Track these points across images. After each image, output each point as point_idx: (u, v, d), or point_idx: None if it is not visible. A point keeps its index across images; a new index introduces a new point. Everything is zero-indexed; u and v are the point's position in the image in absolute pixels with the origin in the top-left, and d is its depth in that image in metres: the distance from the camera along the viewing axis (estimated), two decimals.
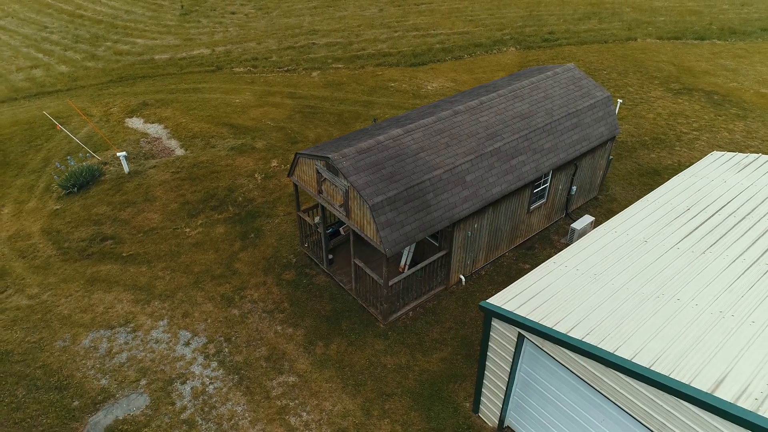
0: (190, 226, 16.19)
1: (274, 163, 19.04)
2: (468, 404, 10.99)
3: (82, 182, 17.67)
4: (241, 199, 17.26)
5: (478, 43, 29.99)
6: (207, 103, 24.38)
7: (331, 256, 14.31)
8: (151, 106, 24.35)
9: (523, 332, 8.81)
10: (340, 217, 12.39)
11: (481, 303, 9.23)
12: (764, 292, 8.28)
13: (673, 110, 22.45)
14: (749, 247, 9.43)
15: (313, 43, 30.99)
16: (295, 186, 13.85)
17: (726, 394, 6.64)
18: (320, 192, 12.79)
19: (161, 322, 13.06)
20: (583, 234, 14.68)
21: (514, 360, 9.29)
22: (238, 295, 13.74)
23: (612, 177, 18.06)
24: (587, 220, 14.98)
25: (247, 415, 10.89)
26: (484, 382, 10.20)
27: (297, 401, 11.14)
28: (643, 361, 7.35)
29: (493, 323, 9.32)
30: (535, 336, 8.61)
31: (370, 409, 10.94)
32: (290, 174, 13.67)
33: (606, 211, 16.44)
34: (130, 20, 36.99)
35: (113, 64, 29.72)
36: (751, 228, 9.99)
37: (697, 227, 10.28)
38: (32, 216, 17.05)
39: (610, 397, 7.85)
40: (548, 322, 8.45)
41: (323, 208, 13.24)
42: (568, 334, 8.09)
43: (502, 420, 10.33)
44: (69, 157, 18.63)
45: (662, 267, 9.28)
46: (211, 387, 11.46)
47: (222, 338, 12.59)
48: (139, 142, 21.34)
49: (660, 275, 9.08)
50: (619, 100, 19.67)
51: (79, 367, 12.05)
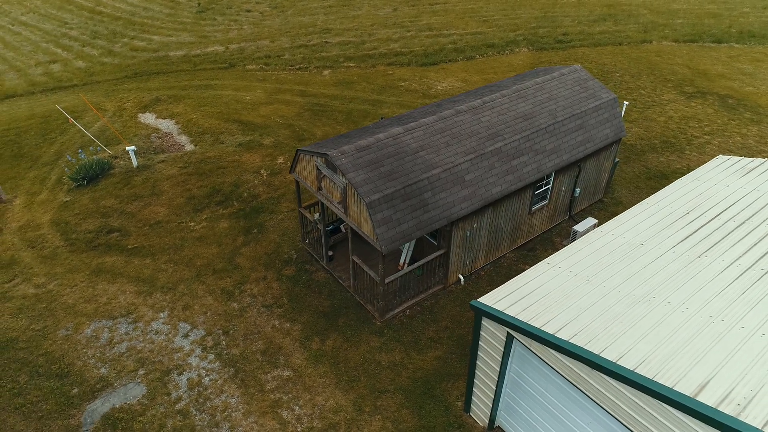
0: (195, 220, 16.41)
1: (281, 160, 19.20)
2: (460, 403, 10.99)
3: (92, 175, 18.00)
4: (246, 194, 17.44)
5: (491, 43, 29.88)
6: (218, 100, 24.64)
7: (331, 253, 14.40)
8: (164, 102, 24.69)
9: (512, 332, 8.80)
10: (339, 214, 12.47)
11: (472, 302, 9.24)
12: (756, 298, 8.17)
13: (685, 114, 22.15)
14: (745, 253, 9.30)
15: (326, 42, 31.14)
16: (297, 182, 13.96)
17: (709, 398, 6.58)
18: (320, 189, 12.88)
19: (162, 314, 13.26)
20: None
21: (503, 360, 9.28)
22: (238, 290, 13.89)
23: (618, 180, 17.89)
24: (590, 222, 14.86)
25: (240, 407, 11.02)
26: (475, 381, 10.20)
27: (290, 395, 11.24)
28: (628, 363, 7.30)
29: (483, 322, 9.32)
30: (523, 336, 8.59)
31: (362, 405, 11.00)
32: (292, 170, 13.79)
33: (611, 214, 16.29)
34: (148, 17, 37.52)
35: (129, 60, 30.18)
36: (749, 233, 9.85)
37: (695, 231, 10.17)
38: (43, 207, 17.41)
39: (595, 400, 7.81)
40: (537, 323, 8.43)
41: (323, 204, 13.33)
42: (555, 335, 8.07)
43: (492, 420, 10.32)
44: (80, 151, 18.99)
45: (656, 270, 9.19)
46: (207, 379, 11.62)
47: (220, 331, 12.75)
48: (150, 137, 21.65)
49: (653, 278, 9.01)
50: (625, 102, 19.45)
51: (80, 356, 12.29)
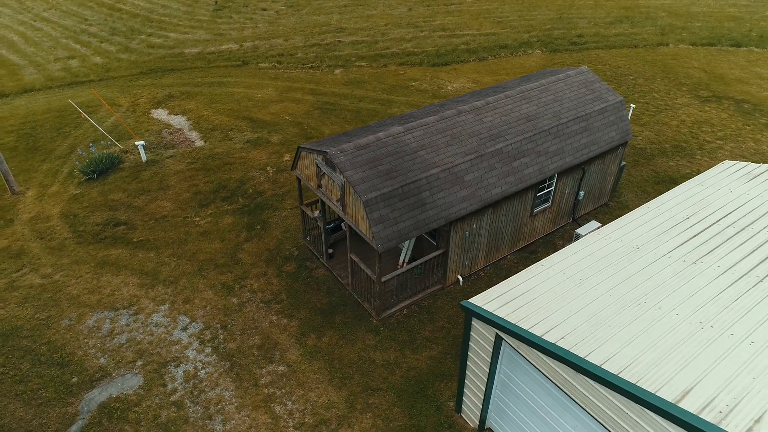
0: (200, 215, 16.60)
1: (287, 158, 19.33)
2: (452, 403, 10.97)
3: (102, 169, 18.31)
4: (251, 191, 17.59)
5: (504, 44, 29.73)
6: (230, 97, 24.90)
7: (331, 251, 14.47)
8: (177, 98, 25.02)
9: (501, 333, 8.77)
10: (337, 212, 12.54)
11: (463, 302, 9.22)
12: (749, 305, 8.03)
13: (699, 118, 21.81)
14: (742, 259, 9.15)
15: (339, 41, 31.26)
16: (298, 179, 14.06)
17: (691, 405, 6.49)
18: (320, 186, 12.96)
19: (162, 307, 13.45)
20: None
21: (492, 361, 9.25)
22: (239, 285, 14.03)
23: (626, 184, 17.69)
24: (593, 226, 14.71)
25: (234, 400, 11.14)
26: (466, 382, 10.18)
27: (284, 390, 11.33)
28: (612, 367, 7.24)
29: (473, 323, 9.31)
30: (511, 338, 8.56)
31: (354, 402, 11.04)
32: (293, 168, 13.89)
33: (615, 218, 16.09)
34: (165, 14, 38.02)
35: (145, 56, 30.62)
36: (748, 240, 9.68)
37: (693, 236, 10.02)
38: (53, 199, 17.77)
39: (581, 404, 7.75)
40: (525, 324, 8.39)
41: (323, 202, 13.40)
42: (543, 337, 8.02)
43: (483, 421, 10.29)
44: (91, 145, 19.33)
45: (650, 275, 9.09)
46: (203, 372, 11.76)
47: (218, 325, 12.89)
48: (162, 133, 21.97)
49: (646, 283, 8.90)
50: (632, 105, 19.22)
51: (81, 346, 12.52)
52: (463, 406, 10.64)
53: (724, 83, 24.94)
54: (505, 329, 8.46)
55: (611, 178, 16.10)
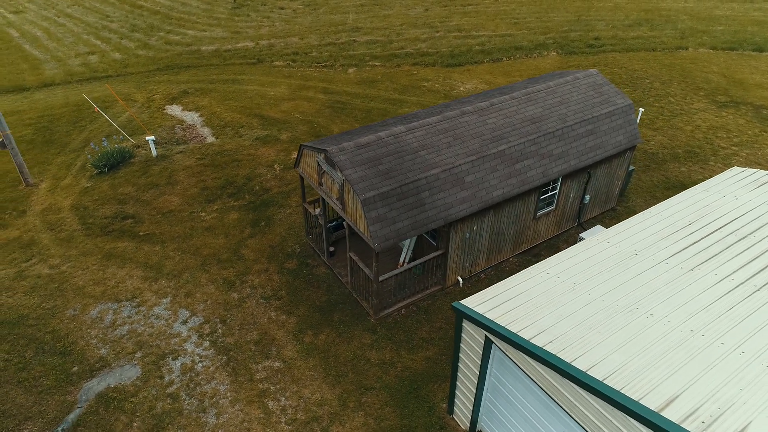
0: (206, 210, 16.79)
1: (295, 155, 19.44)
2: (444, 405, 10.94)
3: (113, 163, 18.62)
4: (258, 187, 17.74)
5: (519, 46, 29.51)
6: (243, 94, 25.12)
7: (332, 249, 14.52)
8: (191, 95, 25.32)
9: (490, 336, 8.72)
10: (337, 210, 12.58)
11: (454, 303, 9.18)
12: (743, 315, 7.87)
13: (714, 123, 21.40)
14: (741, 267, 8.96)
15: (354, 40, 31.33)
16: (301, 177, 14.13)
17: (674, 414, 6.39)
18: (320, 184, 13.01)
19: (164, 300, 13.63)
20: None
21: (482, 363, 9.19)
22: (240, 280, 14.15)
23: (635, 189, 17.43)
24: (598, 230, 14.54)
25: (228, 394, 11.24)
26: (457, 383, 10.14)
27: (278, 386, 11.40)
28: (598, 373, 7.14)
29: (463, 325, 9.26)
30: (499, 340, 8.50)
31: (347, 400, 11.07)
32: (296, 165, 13.97)
33: None
34: (185, 12, 38.50)
35: (162, 53, 31.04)
36: (749, 248, 9.48)
37: (693, 243, 9.84)
38: (65, 192, 18.11)
39: (566, 409, 7.67)
40: (514, 327, 8.32)
41: (324, 200, 13.45)
42: (531, 341, 7.95)
43: (474, 423, 10.23)
44: (104, 139, 19.66)
45: (644, 281, 8.95)
46: (200, 365, 11.89)
47: (218, 320, 13.02)
48: (174, 129, 22.25)
49: (640, 289, 8.77)
50: (641, 109, 18.92)
51: (84, 336, 12.75)
52: (455, 408, 10.59)
53: (743, 88, 24.43)
54: (494, 332, 8.41)
55: (618, 183, 15.88)
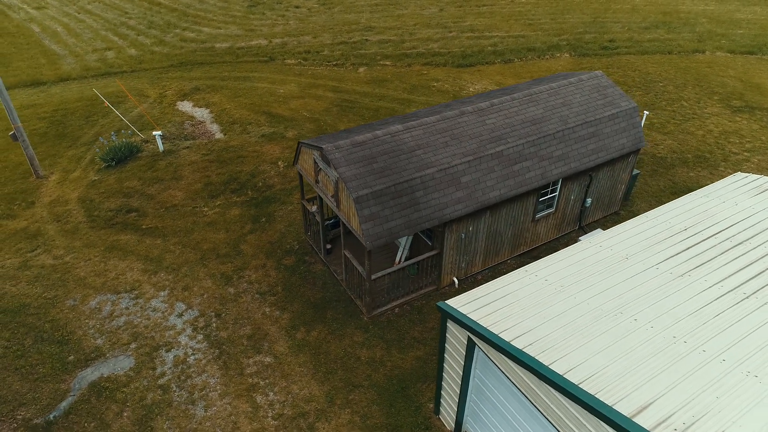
0: (209, 205, 16.95)
1: None
2: (431, 405, 10.90)
3: (121, 157, 18.90)
4: (261, 184, 17.86)
5: (532, 47, 29.27)
6: (253, 92, 25.32)
7: (329, 246, 14.56)
8: (202, 91, 25.60)
9: (472, 336, 8.66)
10: (332, 207, 12.61)
11: (439, 303, 9.14)
12: (728, 322, 7.70)
13: (727, 128, 20.98)
14: (732, 274, 8.77)
15: (366, 40, 31.37)
16: (300, 175, 14.19)
17: (646, 420, 6.28)
18: (317, 182, 13.06)
19: (162, 293, 13.80)
20: None
21: (466, 364, 9.14)
22: (237, 275, 14.27)
23: (641, 193, 17.17)
24: (598, 234, 14.33)
25: (218, 388, 11.34)
26: (443, 384, 10.09)
27: (267, 381, 11.46)
28: (574, 377, 7.06)
29: (448, 325, 9.22)
30: (481, 341, 8.44)
31: (334, 397, 11.09)
32: (295, 162, 14.03)
33: None
34: (201, 9, 38.93)
35: (177, 50, 31.43)
36: (743, 255, 9.28)
37: (686, 249, 9.66)
38: (73, 184, 18.44)
39: (543, 412, 7.59)
40: (496, 329, 8.25)
41: (320, 197, 13.49)
42: (511, 343, 7.88)
43: (459, 424, 10.17)
44: (113, 134, 19.97)
45: (633, 286, 8.81)
46: (192, 358, 12.01)
47: (213, 313, 13.14)
48: (184, 124, 22.52)
49: (627, 294, 8.64)
50: (646, 112, 18.63)
51: (82, 326, 12.96)
52: (441, 408, 10.55)
53: (759, 93, 23.92)
54: (475, 332, 8.35)
55: (622, 187, 15.66)
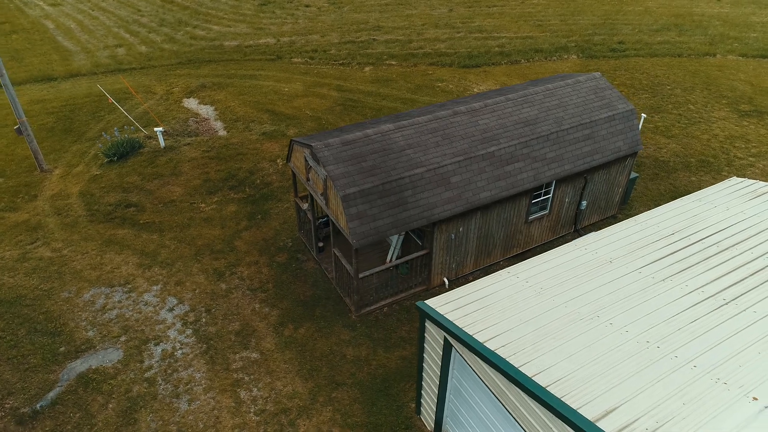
0: (206, 202, 17.09)
1: None
2: (414, 405, 10.88)
3: (123, 152, 19.13)
4: (259, 181, 17.96)
5: (539, 48, 29.06)
6: (258, 90, 25.47)
7: (321, 244, 14.59)
8: (208, 89, 25.81)
9: (448, 337, 8.64)
10: (321, 205, 12.64)
11: (418, 303, 9.13)
12: (704, 329, 7.59)
13: (733, 133, 20.65)
14: (714, 280, 8.64)
15: (374, 39, 31.40)
16: (293, 172, 14.25)
17: (609, 425, 6.21)
18: (308, 180, 13.10)
19: (155, 287, 13.94)
20: None
21: (443, 364, 9.11)
22: (230, 271, 14.37)
23: (639, 197, 16.97)
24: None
25: (203, 382, 11.43)
26: (422, 384, 10.07)
27: (252, 377, 11.53)
28: (543, 380, 7.00)
29: (426, 325, 9.20)
30: (456, 342, 8.41)
31: (317, 394, 11.12)
32: (288, 160, 14.10)
33: None
34: (213, 8, 39.26)
35: (186, 47, 31.72)
36: (727, 260, 9.13)
37: (672, 253, 9.53)
38: (76, 179, 18.71)
39: (513, 414, 7.55)
40: (471, 330, 8.22)
41: (312, 195, 13.53)
42: (484, 344, 7.85)
43: (439, 424, 10.15)
44: (116, 129, 20.22)
45: (612, 290, 8.72)
46: (180, 352, 12.12)
47: (203, 309, 13.25)
48: (188, 121, 22.72)
49: (606, 298, 8.55)
50: (643, 115, 18.39)
51: (74, 318, 13.14)
52: (421, 409, 10.53)
53: None
54: (451, 333, 8.33)
55: (619, 190, 15.49)
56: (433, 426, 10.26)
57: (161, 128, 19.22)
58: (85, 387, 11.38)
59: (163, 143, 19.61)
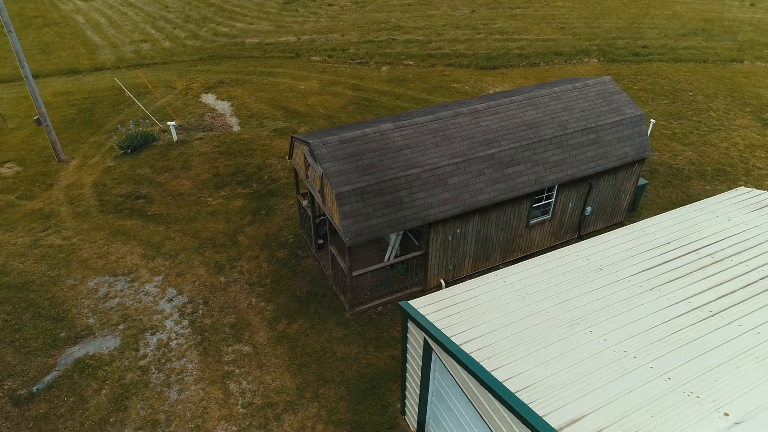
0: (213, 196, 17.34)
1: None
2: (399, 405, 10.85)
3: (136, 145, 19.53)
4: (266, 177, 18.14)
5: (560, 51, 28.66)
6: (274, 87, 25.71)
7: (321, 241, 14.66)
8: (226, 85, 26.16)
9: (427, 338, 8.60)
10: (318, 202, 12.71)
11: (401, 303, 9.11)
12: (685, 340, 7.39)
13: (754, 141, 20.04)
14: (703, 291, 8.40)
15: (393, 39, 31.39)
16: (294, 169, 14.35)
17: None
18: (307, 177, 13.18)
19: (157, 278, 14.20)
20: None
21: (424, 365, 9.07)
22: (230, 265, 14.55)
23: (649, 204, 16.60)
24: None
25: (194, 373, 11.60)
26: (406, 385, 10.05)
27: (243, 370, 11.66)
28: (513, 385, 6.92)
29: (408, 325, 9.18)
30: (434, 343, 8.37)
31: (304, 390, 11.18)
32: (290, 156, 14.20)
33: None
34: (238, 5, 39.77)
35: (209, 44, 32.21)
36: (719, 272, 8.87)
37: (664, 262, 9.31)
38: (91, 170, 19.18)
39: (484, 418, 7.47)
40: (450, 332, 8.16)
41: (310, 192, 13.61)
42: (460, 347, 7.79)
43: (422, 425, 10.10)
44: (131, 122, 20.65)
45: (597, 297, 8.56)
46: (174, 342, 12.33)
47: (201, 301, 13.44)
48: (204, 116, 23.07)
49: (590, 305, 8.40)
50: (652, 120, 17.95)
51: (77, 305, 13.48)
52: (406, 409, 10.50)
53: None
54: (429, 334, 8.28)
55: (627, 197, 15.18)
56: (416, 427, 10.22)
57: (174, 122, 19.55)
58: (81, 372, 11.65)
59: (176, 137, 19.95)
